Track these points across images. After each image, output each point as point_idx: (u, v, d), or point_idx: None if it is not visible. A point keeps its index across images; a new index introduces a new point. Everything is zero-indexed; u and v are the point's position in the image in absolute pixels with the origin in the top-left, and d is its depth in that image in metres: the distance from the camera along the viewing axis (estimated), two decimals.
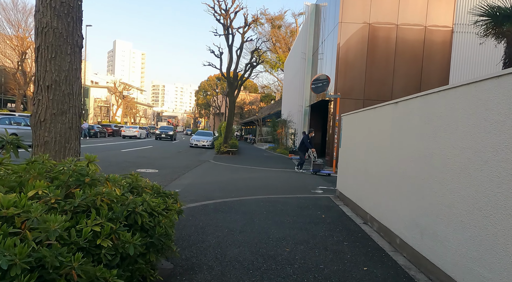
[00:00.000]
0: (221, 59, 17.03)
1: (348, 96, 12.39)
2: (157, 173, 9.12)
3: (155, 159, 13.10)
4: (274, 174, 10.68)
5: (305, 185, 8.44)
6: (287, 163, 14.76)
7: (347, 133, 6.44)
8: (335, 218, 5.01)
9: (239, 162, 13.93)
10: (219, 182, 8.12)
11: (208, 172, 10.22)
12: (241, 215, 4.88)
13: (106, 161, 10.92)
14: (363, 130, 5.26)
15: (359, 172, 5.35)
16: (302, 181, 9.25)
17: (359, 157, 5.41)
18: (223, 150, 16.41)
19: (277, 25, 38.95)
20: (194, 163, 12.46)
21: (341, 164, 6.79)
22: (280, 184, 8.48)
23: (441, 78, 12.28)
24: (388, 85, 12.37)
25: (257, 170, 11.44)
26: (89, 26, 33.69)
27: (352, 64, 12.43)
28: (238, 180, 8.70)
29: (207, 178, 8.74)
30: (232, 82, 16.69)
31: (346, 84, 12.44)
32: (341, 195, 6.51)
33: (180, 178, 8.54)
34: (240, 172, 10.55)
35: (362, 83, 12.42)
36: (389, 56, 12.36)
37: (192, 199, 5.99)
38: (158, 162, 11.87)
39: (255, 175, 10.07)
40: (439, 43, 12.28)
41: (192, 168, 10.94)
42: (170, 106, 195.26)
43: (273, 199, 6.29)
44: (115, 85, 51.14)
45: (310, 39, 17.42)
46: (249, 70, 16.78)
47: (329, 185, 8.74)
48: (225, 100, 30.23)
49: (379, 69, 12.39)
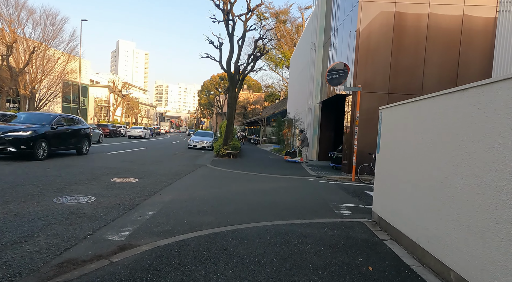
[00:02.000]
0: (220, 50, 15.13)
1: (369, 90, 10.42)
2: (135, 183, 7.23)
3: (142, 163, 11.23)
4: (283, 182, 8.74)
5: (324, 201, 6.49)
6: (296, 167, 12.81)
7: (392, 133, 4.48)
8: (389, 273, 3.06)
9: (240, 167, 12.01)
10: (212, 198, 6.20)
11: (201, 181, 8.30)
12: (237, 269, 2.95)
13: (79, 167, 9.05)
14: (437, 128, 3.30)
15: (424, 193, 3.40)
16: (319, 193, 7.30)
17: (425, 168, 3.46)
18: (223, 153, 14.51)
19: (282, 20, 36.99)
20: (187, 169, 10.56)
21: (381, 177, 4.84)
22: (292, 199, 6.53)
23: (482, 67, 10.27)
24: (417, 77, 10.38)
25: (261, 178, 9.51)
26: (84, 21, 32.08)
27: (374, 51, 10.46)
28: (237, 194, 6.77)
29: (197, 191, 6.83)
30: (233, 76, 14.77)
31: (367, 76, 10.47)
32: (382, 222, 4.56)
33: (163, 190, 6.64)
34: (240, 181, 8.62)
35: (387, 74, 10.44)
36: (419, 41, 10.36)
37: (167, 230, 4.08)
38: (144, 168, 9.99)
39: (258, 185, 8.13)
40: (480, 25, 10.26)
41: (183, 175, 9.03)
42: (173, 106, 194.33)
43: (285, 228, 4.36)
44: (114, 83, 49.44)
45: (322, 27, 15.47)
46: (252, 62, 14.85)
47: (355, 200, 6.77)
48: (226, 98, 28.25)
49: (407, 57, 10.40)
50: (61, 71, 35.35)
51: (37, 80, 32.93)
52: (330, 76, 10.08)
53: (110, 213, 4.67)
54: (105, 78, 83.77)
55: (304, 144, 15.13)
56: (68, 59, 35.85)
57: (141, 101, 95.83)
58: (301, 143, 15.12)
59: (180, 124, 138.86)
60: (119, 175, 8.22)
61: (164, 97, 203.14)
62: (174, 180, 8.02)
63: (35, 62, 32.79)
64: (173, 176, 8.67)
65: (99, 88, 61.65)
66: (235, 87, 14.97)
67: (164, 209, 5.10)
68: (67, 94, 44.99)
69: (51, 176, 7.38)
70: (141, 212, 4.87)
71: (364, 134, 10.40)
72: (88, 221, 4.26)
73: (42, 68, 33.23)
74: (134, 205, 5.23)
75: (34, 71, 32.70)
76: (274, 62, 38.75)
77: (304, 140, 15.16)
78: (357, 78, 10.46)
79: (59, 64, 35.10)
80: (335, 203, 6.34)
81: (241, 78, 14.90)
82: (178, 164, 11.82)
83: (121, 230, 3.99)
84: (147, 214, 4.75)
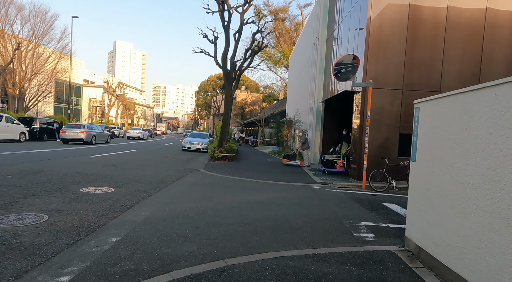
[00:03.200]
0: (215, 45, 13.95)
1: (381, 86, 9.27)
2: (109, 194, 6.02)
3: (126, 168, 10.02)
4: (284, 191, 7.55)
5: (337, 217, 5.30)
6: (298, 172, 11.64)
7: (442, 133, 3.30)
8: None
9: (236, 172, 10.82)
10: (199, 214, 5.01)
11: (189, 190, 7.10)
12: None
13: (49, 173, 7.83)
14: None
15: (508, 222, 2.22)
16: (328, 206, 6.11)
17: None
18: (218, 156, 13.30)
19: (281, 18, 35.89)
20: (176, 174, 9.37)
21: (421, 192, 3.65)
22: (297, 214, 5.35)
23: (508, 62, 9.16)
24: (435, 71, 9.24)
25: (260, 185, 8.32)
26: (75, 17, 30.80)
27: (386, 43, 9.32)
28: (230, 209, 5.58)
29: (182, 205, 5.63)
30: (229, 73, 13.58)
31: (378, 70, 9.32)
32: (424, 254, 3.38)
33: (140, 204, 5.44)
34: (235, 190, 7.42)
35: (400, 68, 9.30)
36: (438, 31, 9.23)
37: (127, 271, 2.88)
38: (126, 174, 8.79)
39: (256, 195, 6.94)
40: (506, 19, 9.16)
41: (170, 182, 7.83)
42: (171, 107, 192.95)
43: (293, 264, 3.17)
44: (108, 83, 48.07)
45: (325, 19, 14.34)
46: (250, 57, 13.67)
47: (374, 215, 5.59)
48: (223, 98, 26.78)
49: (423, 51, 9.27)
50: (52, 70, 34.07)
51: (26, 79, 31.62)
52: (338, 71, 8.92)
53: (56, 242, 3.47)
54: (100, 78, 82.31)
55: (305, 146, 13.98)
56: (59, 57, 34.58)
57: (137, 102, 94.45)
58: (302, 145, 13.97)
59: (178, 126, 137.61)
60: (93, 183, 7.02)
61: (162, 98, 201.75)
62: (157, 189, 6.81)
63: (24, 60, 31.53)
64: (157, 184, 7.46)
65: (94, 89, 60.27)
66: (231, 85, 13.80)
67: (133, 234, 3.90)
68: (59, 94, 43.62)
69: (7, 185, 6.15)
70: (101, 238, 3.68)
71: (376, 136, 9.26)
72: (20, 255, 3.06)
73: (31, 66, 31.96)
74: (95, 227, 4.03)
75: (23, 70, 31.40)
76: (273, 61, 37.58)
77: (305, 142, 14.00)
78: (367, 73, 9.31)
79: (49, 63, 33.82)
80: (350, 220, 5.16)
81: (238, 75, 13.72)
82: (167, 169, 10.62)
83: (60, 272, 2.80)
84: (107, 242, 3.56)
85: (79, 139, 19.93)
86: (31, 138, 20.33)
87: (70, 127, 20.33)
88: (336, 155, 11.68)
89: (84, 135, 19.93)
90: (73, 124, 21.68)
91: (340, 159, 11.45)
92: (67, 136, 19.70)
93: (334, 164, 11.54)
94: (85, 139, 20.08)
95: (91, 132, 20.73)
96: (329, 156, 11.82)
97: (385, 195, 7.91)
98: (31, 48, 32.01)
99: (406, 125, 9.31)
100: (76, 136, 19.76)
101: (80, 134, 19.81)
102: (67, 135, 19.70)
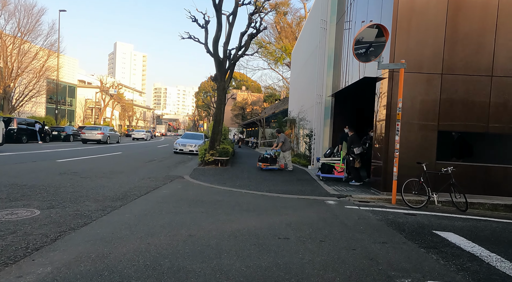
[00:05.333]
0: (206, 29, 11.85)
1: (414, 69, 7.13)
2: (23, 221, 3.91)
3: (87, 177, 7.93)
4: (290, 213, 5.40)
5: (383, 273, 3.15)
6: (303, 178, 9.49)
7: None
8: None
9: (228, 180, 8.70)
10: (141, 270, 2.88)
11: (151, 213, 4.95)
12: None
13: None
14: None
15: None
16: (361, 244, 3.95)
17: None
18: (209, 159, 11.16)
19: (283, 12, 33.82)
20: (149, 185, 7.26)
21: None
22: (315, 268, 3.18)
23: None
24: (486, 50, 7.09)
25: (256, 201, 6.18)
26: (63, 11, 28.88)
27: (421, 13, 7.17)
28: (202, 254, 3.43)
29: (123, 245, 3.50)
30: (222, 62, 11.46)
31: (410, 49, 7.18)
32: None
33: (55, 244, 3.32)
34: (219, 212, 5.27)
35: (439, 45, 7.15)
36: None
37: None
38: (80, 185, 6.70)
39: (248, 221, 4.77)
40: None
41: (131, 199, 5.72)
42: (172, 109, 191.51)
43: None
44: (102, 82, 46.02)
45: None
46: (246, 43, 11.55)
47: (441, 265, 3.40)
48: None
49: (470, 21, 7.12)
50: (40, 68, 32.12)
51: (12, 78, 29.66)
52: (359, 49, 6.80)
53: None
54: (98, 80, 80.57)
55: (286, 147, 11.73)
56: (48, 55, 32.65)
57: (136, 103, 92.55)
58: (282, 145, 11.67)
59: (178, 127, 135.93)
60: (19, 201, 4.93)
61: (163, 100, 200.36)
62: (105, 212, 4.69)
63: (10, 57, 29.61)
64: (112, 202, 5.35)
65: (90, 90, 58.36)
66: (225, 76, 11.69)
67: None
68: (51, 94, 41.64)
69: None
70: None
71: (406, 134, 7.11)
72: None
73: (18, 64, 30.02)
74: None
75: (8, 68, 29.44)
76: (274, 57, 35.45)
77: (285, 142, 11.77)
78: (396, 53, 7.18)
79: (38, 60, 31.87)
80: (408, 278, 3.00)
81: (232, 64, 11.59)
82: (143, 177, 8.51)
83: None
84: None
85: (97, 140, 22.84)
86: (7, 141, 18.30)
87: (89, 129, 23.51)
88: (335, 158, 9.55)
89: (101, 136, 22.87)
90: (92, 126, 25.47)
91: (339, 163, 9.36)
92: (86, 137, 22.75)
93: (332, 168, 9.46)
94: (102, 139, 22.94)
95: (106, 134, 23.58)
96: (326, 158, 9.71)
97: (428, 215, 5.76)
98: (18, 45, 30.07)
99: (447, 121, 7.16)
100: (94, 137, 22.74)
101: (98, 135, 22.78)
102: (86, 136, 22.74)
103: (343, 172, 9.29)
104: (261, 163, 11.19)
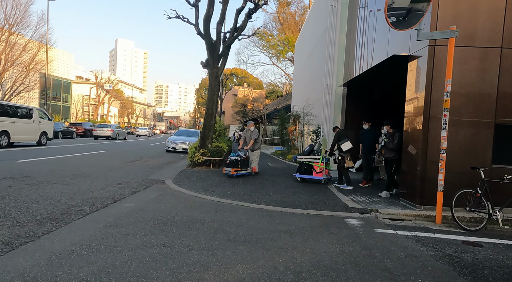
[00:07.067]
0: (197, 8, 10.07)
1: (463, 42, 5.34)
2: None
3: (39, 182, 6.22)
4: (298, 245, 3.64)
5: None
6: (313, 184, 7.73)
7: None
8: None
9: (218, 186, 6.95)
10: None
11: (88, 247, 3.20)
12: None
13: None
14: None
15: None
16: None
17: None
18: (198, 160, 9.41)
19: (286, 2, 31.94)
20: (113, 194, 5.53)
21: None
22: None
23: None
24: None
25: (250, 223, 4.43)
26: (52, 0, 27.13)
27: None
28: None
29: None
30: (214, 44, 9.68)
31: (457, 15, 5.40)
32: None
33: None
34: (194, 245, 3.51)
35: (498, 10, 5.36)
36: None
37: None
38: (18, 195, 4.99)
39: (237, 268, 3.03)
40: None
41: (72, 219, 3.99)
42: (173, 107, 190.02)
43: None
44: (96, 76, 44.28)
45: None
46: (243, 22, 9.76)
47: None
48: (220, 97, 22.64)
49: None
50: (29, 61, 30.47)
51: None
52: (393, 16, 5.01)
53: None
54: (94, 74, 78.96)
55: (258, 145, 9.28)
56: (38, 47, 30.98)
57: (136, 101, 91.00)
58: (254, 143, 9.07)
59: (179, 125, 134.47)
60: None
61: (164, 97, 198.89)
62: (14, 245, 2.96)
63: None
64: (40, 224, 3.62)
65: (87, 86, 56.73)
66: (218, 62, 9.91)
67: None
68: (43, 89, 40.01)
69: None
70: None
71: (452, 129, 5.33)
72: None
73: (5, 56, 28.39)
74: None
75: None
76: (276, 50, 33.59)
77: (257, 139, 9.28)
78: (438, 20, 5.38)
79: (27, 53, 30.23)
80: None
81: (226, 47, 9.80)
82: (112, 182, 6.79)
83: None
84: None
85: (107, 136, 24.59)
86: None
87: (101, 126, 25.43)
88: (315, 156, 7.90)
89: (111, 133, 24.65)
90: (103, 124, 27.82)
91: (317, 162, 7.72)
92: (98, 133, 24.50)
93: (311, 168, 7.89)
94: (112, 136, 24.75)
95: (115, 131, 25.48)
96: (305, 156, 8.05)
97: (499, 244, 3.99)
98: (5, 37, 28.42)
99: (508, 112, 5.37)
100: (105, 134, 24.54)
101: (108, 132, 24.58)
102: (98, 133, 24.50)
103: (322, 173, 7.74)
104: (230, 168, 8.17)
